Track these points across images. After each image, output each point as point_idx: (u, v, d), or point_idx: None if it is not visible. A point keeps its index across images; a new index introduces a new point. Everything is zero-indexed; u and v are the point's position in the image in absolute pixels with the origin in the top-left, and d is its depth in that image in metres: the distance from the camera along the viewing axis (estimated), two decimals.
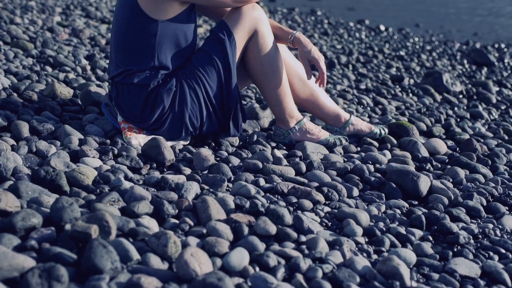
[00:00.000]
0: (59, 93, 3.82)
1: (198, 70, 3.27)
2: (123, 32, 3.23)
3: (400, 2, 16.33)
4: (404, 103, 5.31)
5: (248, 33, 3.34)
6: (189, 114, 3.28)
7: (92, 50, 5.81)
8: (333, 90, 5.42)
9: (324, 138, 3.61)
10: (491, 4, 16.35)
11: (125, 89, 3.26)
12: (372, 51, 8.47)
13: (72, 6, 8.88)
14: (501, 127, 4.66)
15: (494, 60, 8.19)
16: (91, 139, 3.14)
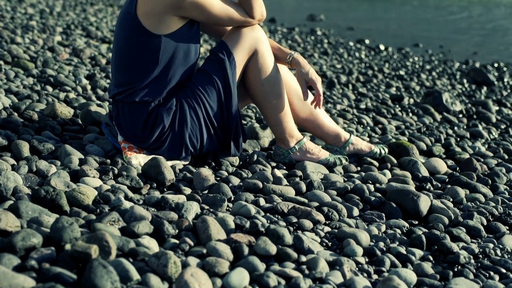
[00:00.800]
0: (59, 113, 3.82)
1: (198, 90, 3.28)
2: (125, 49, 3.24)
3: (399, 22, 16.38)
4: (404, 122, 5.32)
5: (248, 53, 3.36)
6: (189, 133, 3.28)
7: (93, 69, 5.82)
8: (333, 109, 5.43)
9: (324, 157, 3.61)
10: (491, 23, 16.40)
11: (126, 108, 3.27)
12: (372, 70, 8.49)
13: (72, 26, 8.92)
14: (501, 147, 4.66)
15: (494, 79, 8.21)
16: (91, 159, 3.14)
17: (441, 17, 17.55)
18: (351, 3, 20.89)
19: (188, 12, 3.15)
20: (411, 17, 17.44)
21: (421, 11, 18.47)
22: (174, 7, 3.11)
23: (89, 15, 10.98)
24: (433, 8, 19.50)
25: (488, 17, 17.53)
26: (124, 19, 3.25)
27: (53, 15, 10.27)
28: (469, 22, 16.65)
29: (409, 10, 18.79)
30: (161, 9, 3.11)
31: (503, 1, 16.15)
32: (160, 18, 3.13)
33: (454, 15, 17.94)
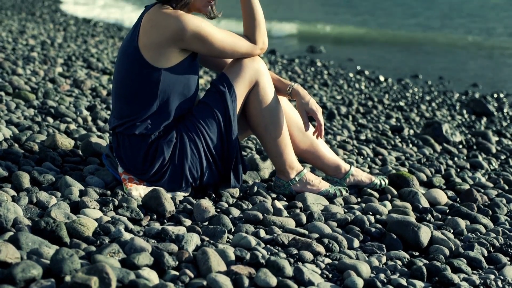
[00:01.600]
0: (60, 144, 3.83)
1: (198, 122, 3.29)
2: (125, 81, 3.26)
3: (399, 52, 16.45)
4: (404, 153, 5.32)
5: (248, 85, 3.37)
6: (189, 165, 3.29)
7: (93, 101, 5.84)
8: (333, 140, 5.43)
9: (324, 189, 3.61)
10: (490, 56, 16.48)
11: (126, 140, 3.28)
12: (372, 101, 8.51)
13: (73, 57, 8.96)
14: (501, 177, 4.66)
15: (494, 110, 8.23)
16: (92, 190, 3.14)
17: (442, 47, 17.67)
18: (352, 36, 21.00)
19: (190, 45, 3.17)
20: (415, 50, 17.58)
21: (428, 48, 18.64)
22: (175, 40, 3.13)
23: (90, 47, 11.03)
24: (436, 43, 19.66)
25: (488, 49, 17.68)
26: (126, 50, 3.27)
27: (54, 47, 10.32)
28: (468, 53, 16.73)
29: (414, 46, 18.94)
30: (162, 42, 3.13)
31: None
32: (161, 50, 3.15)
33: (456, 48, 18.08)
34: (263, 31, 3.42)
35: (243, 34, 3.43)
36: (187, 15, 3.16)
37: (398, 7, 24.13)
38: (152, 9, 3.23)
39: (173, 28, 3.12)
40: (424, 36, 16.69)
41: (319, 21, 17.52)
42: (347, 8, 21.13)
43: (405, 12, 22.38)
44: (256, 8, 3.40)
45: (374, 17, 19.94)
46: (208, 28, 3.19)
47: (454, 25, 21.19)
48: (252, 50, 3.38)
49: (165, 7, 3.21)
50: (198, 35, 3.15)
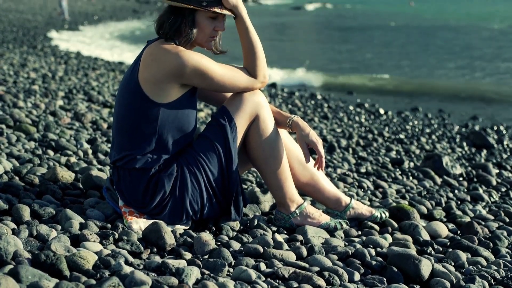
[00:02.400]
0: (60, 177, 3.84)
1: (199, 156, 3.30)
2: (125, 115, 3.27)
3: (399, 85, 16.50)
4: (405, 186, 5.32)
5: (249, 118, 3.39)
6: (190, 199, 3.29)
7: (94, 134, 5.86)
8: (334, 173, 5.44)
9: (325, 222, 3.61)
10: (489, 86, 16.52)
11: (127, 174, 3.28)
12: (372, 134, 8.53)
13: (74, 90, 8.99)
14: (502, 210, 4.65)
15: (494, 142, 8.24)
16: (92, 223, 3.14)
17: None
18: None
19: (190, 80, 3.19)
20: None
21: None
22: (175, 75, 3.15)
23: (91, 80, 11.07)
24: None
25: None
26: (126, 84, 3.29)
27: (55, 80, 10.36)
28: (468, 84, 16.77)
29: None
30: (162, 76, 3.16)
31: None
32: (161, 85, 3.17)
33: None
34: (263, 65, 3.43)
35: (243, 67, 3.45)
36: (187, 51, 3.19)
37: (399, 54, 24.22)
38: (153, 44, 3.26)
39: (173, 64, 3.14)
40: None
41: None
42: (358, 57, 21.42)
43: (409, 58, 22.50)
44: (255, 42, 3.42)
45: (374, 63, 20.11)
46: (207, 63, 3.21)
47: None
48: (252, 84, 3.40)
49: (166, 42, 3.24)
50: (198, 71, 3.18)
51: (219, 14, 3.31)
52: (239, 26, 3.41)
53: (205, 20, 3.28)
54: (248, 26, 3.41)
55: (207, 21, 3.29)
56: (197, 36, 3.29)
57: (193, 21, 3.26)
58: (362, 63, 21.01)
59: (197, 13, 3.26)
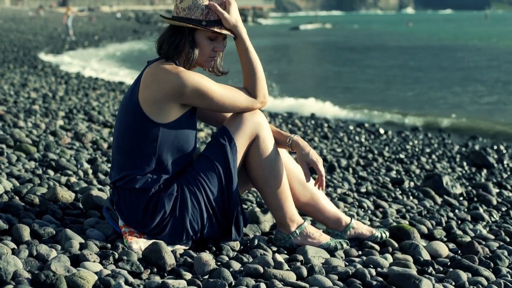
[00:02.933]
0: (60, 197, 3.84)
1: (199, 176, 3.30)
2: (125, 135, 3.28)
3: (399, 105, 16.53)
4: (405, 206, 5.32)
5: (249, 138, 3.39)
6: (190, 219, 3.29)
7: (94, 154, 5.86)
8: (334, 193, 5.43)
9: (325, 242, 3.60)
10: (489, 105, 16.54)
11: (127, 194, 3.29)
12: (372, 154, 8.53)
13: (75, 110, 9.01)
14: (502, 229, 4.64)
15: (494, 162, 8.24)
16: (92, 243, 3.13)
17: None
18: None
19: (190, 100, 3.20)
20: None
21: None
22: (175, 95, 3.17)
23: (91, 100, 11.10)
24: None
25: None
26: (126, 104, 3.30)
27: (56, 100, 10.39)
28: (467, 103, 16.79)
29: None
30: (162, 97, 3.17)
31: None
32: (161, 105, 3.19)
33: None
34: (263, 85, 3.44)
35: (243, 87, 3.46)
36: (187, 71, 3.20)
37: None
38: (153, 64, 3.27)
39: (173, 84, 3.15)
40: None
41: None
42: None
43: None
44: (255, 62, 3.43)
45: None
46: (207, 83, 3.22)
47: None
48: (252, 105, 3.41)
49: (166, 63, 3.25)
50: (198, 91, 3.19)
51: (219, 35, 3.32)
52: (239, 46, 3.42)
53: (204, 40, 3.30)
54: (248, 46, 3.42)
55: (206, 41, 3.30)
56: (197, 56, 3.30)
57: (193, 40, 3.28)
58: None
59: (197, 32, 3.28)
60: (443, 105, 16.38)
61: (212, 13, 3.27)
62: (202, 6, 3.26)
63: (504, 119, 14.14)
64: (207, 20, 3.26)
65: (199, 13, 3.26)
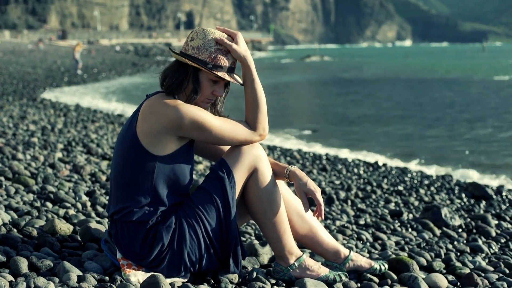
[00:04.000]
0: (58, 229, 3.83)
1: (197, 208, 3.30)
2: (122, 167, 3.29)
3: (397, 136, 16.59)
4: (404, 238, 5.31)
5: (248, 171, 3.40)
6: (188, 251, 3.28)
7: (93, 186, 5.86)
8: (332, 225, 5.43)
9: (323, 274, 3.59)
10: (487, 135, 16.60)
11: (124, 227, 3.29)
12: (371, 186, 8.53)
13: (73, 143, 9.03)
14: (501, 261, 4.63)
15: (492, 194, 8.23)
16: (90, 276, 3.13)
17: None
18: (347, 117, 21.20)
19: (188, 132, 3.21)
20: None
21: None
22: (173, 128, 3.18)
23: (90, 132, 11.12)
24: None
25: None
26: (124, 136, 3.31)
27: (55, 132, 10.41)
28: (466, 133, 16.85)
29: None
30: (160, 129, 3.18)
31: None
32: (159, 137, 3.20)
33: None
34: (264, 118, 3.45)
35: (244, 119, 3.47)
36: (185, 104, 3.22)
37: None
38: (153, 98, 3.29)
39: (171, 117, 3.17)
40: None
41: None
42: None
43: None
44: (259, 93, 3.45)
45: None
46: (206, 116, 3.24)
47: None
48: (251, 137, 3.42)
49: (166, 97, 3.27)
50: (196, 123, 3.20)
51: (221, 79, 3.35)
52: (246, 77, 3.44)
53: (206, 81, 3.32)
54: (255, 78, 3.44)
55: (208, 83, 3.33)
56: (197, 97, 3.33)
57: (196, 80, 3.30)
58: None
59: (201, 73, 3.31)
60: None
61: (219, 59, 3.30)
62: (211, 49, 3.28)
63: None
64: (213, 63, 3.28)
65: (206, 55, 3.28)
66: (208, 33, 3.32)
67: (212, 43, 3.30)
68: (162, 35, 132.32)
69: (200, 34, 3.32)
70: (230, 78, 3.34)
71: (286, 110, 24.23)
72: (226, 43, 3.31)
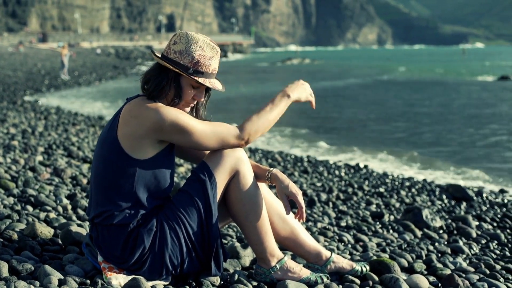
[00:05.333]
0: (39, 233, 3.81)
1: (179, 211, 3.30)
2: (102, 171, 3.28)
3: (380, 138, 16.64)
4: (385, 239, 5.33)
5: (229, 173, 3.40)
6: (170, 254, 3.28)
7: (74, 189, 5.84)
8: (314, 227, 5.43)
9: (305, 276, 3.59)
10: (467, 137, 16.69)
11: (105, 230, 3.27)
12: (352, 188, 8.55)
13: (54, 146, 8.98)
14: (482, 262, 4.66)
15: (473, 195, 8.27)
16: (71, 279, 3.11)
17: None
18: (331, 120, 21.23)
19: (169, 135, 3.21)
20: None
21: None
22: (154, 130, 3.17)
23: (71, 135, 11.07)
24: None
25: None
26: (104, 140, 3.30)
27: (35, 135, 10.36)
28: (446, 133, 16.94)
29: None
30: (142, 132, 3.17)
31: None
32: (140, 141, 3.19)
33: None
34: (257, 127, 3.42)
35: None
36: (166, 107, 3.22)
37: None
38: (133, 101, 3.28)
39: (152, 119, 3.16)
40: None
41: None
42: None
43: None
44: (273, 112, 3.48)
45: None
46: (187, 118, 3.23)
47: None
48: (232, 142, 3.39)
49: (147, 100, 3.26)
50: (177, 126, 3.19)
51: (201, 86, 3.35)
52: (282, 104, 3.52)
53: (186, 86, 3.32)
54: (281, 105, 3.51)
55: (188, 87, 3.33)
56: (178, 101, 3.32)
57: (177, 84, 3.30)
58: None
59: (182, 77, 3.30)
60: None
61: (200, 64, 3.30)
62: (193, 54, 3.28)
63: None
64: (194, 69, 3.28)
65: (188, 60, 3.28)
66: (191, 38, 3.31)
67: (195, 48, 3.29)
68: (143, 37, 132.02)
69: (183, 39, 3.31)
70: (210, 84, 3.33)
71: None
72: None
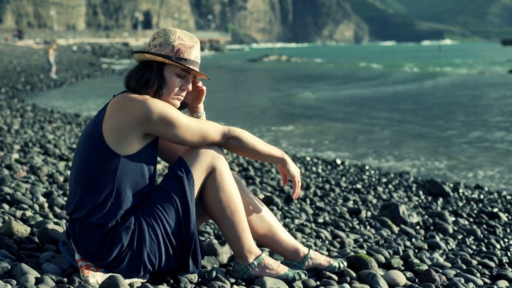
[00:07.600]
0: (16, 231, 3.79)
1: (156, 208, 3.29)
2: (84, 166, 3.26)
3: (358, 136, 16.68)
4: (362, 235, 5.35)
5: (206, 170, 3.40)
6: (148, 251, 3.27)
7: (50, 187, 5.80)
8: (291, 224, 5.44)
9: (283, 273, 3.60)
10: (445, 132, 16.76)
11: (84, 227, 3.26)
12: (329, 184, 8.57)
13: (30, 144, 8.92)
14: (459, 257, 4.69)
15: (449, 191, 8.33)
16: (48, 278, 3.09)
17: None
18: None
19: (155, 127, 3.20)
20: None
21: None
22: (141, 122, 3.16)
23: (47, 133, 11.00)
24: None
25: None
26: (88, 134, 3.29)
27: (11, 133, 10.28)
28: (423, 129, 17.01)
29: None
30: (128, 125, 3.16)
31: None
32: (125, 134, 3.18)
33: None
34: (246, 138, 3.50)
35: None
36: (153, 99, 3.23)
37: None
38: (120, 95, 3.28)
39: (140, 111, 3.16)
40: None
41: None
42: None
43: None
44: (264, 150, 3.57)
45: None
46: (174, 112, 3.25)
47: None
48: (218, 140, 3.43)
49: (134, 94, 3.27)
50: (164, 118, 3.20)
51: (187, 74, 3.36)
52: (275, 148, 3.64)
53: (172, 76, 3.33)
54: (273, 150, 3.62)
55: (174, 77, 3.34)
56: (164, 92, 3.32)
57: (161, 75, 3.31)
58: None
59: (165, 68, 3.31)
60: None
61: (181, 52, 3.32)
62: (173, 44, 3.32)
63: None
64: (176, 56, 3.30)
65: (169, 49, 3.31)
66: (169, 30, 3.38)
67: (174, 38, 3.32)
68: (119, 34, 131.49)
69: (161, 33, 3.38)
70: (196, 68, 3.36)
71: (249, 108, 24.17)
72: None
